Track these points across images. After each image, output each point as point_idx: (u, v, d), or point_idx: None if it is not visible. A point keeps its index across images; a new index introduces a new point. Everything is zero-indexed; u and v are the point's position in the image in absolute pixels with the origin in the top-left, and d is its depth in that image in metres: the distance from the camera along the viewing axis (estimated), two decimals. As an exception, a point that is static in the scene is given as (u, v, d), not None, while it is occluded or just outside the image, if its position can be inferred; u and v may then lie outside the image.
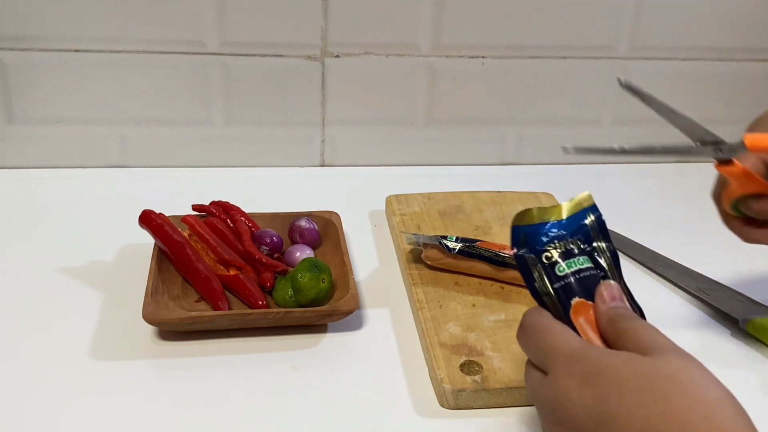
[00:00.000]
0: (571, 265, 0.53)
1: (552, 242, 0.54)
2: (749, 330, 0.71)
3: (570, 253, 0.54)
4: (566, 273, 0.53)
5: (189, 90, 0.95)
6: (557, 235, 0.55)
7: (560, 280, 0.53)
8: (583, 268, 0.53)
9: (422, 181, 0.96)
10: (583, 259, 0.54)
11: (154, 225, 0.74)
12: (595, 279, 0.53)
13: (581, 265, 0.53)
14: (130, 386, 0.62)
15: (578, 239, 0.55)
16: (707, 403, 0.42)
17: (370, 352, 0.68)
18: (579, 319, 0.51)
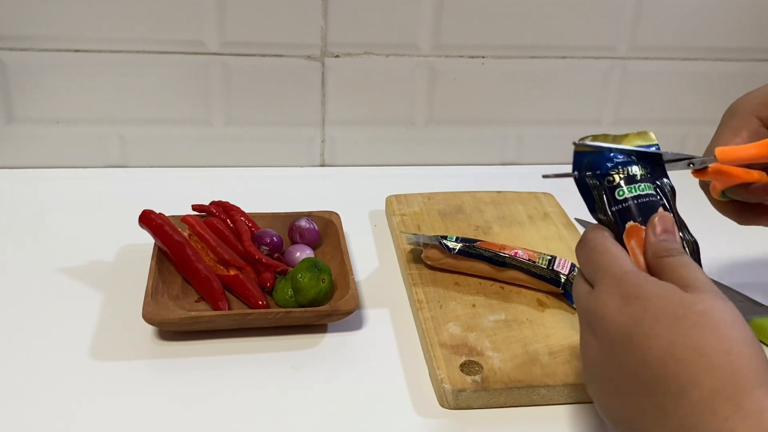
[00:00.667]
0: (632, 189, 0.55)
1: (616, 167, 0.56)
2: (749, 330, 0.71)
3: (632, 179, 0.55)
4: (625, 197, 0.54)
5: (189, 90, 0.95)
6: (622, 161, 0.56)
7: (619, 203, 0.54)
8: (643, 194, 0.54)
9: (422, 181, 0.96)
10: (645, 185, 0.55)
11: (154, 225, 0.74)
12: (653, 205, 0.54)
13: (642, 191, 0.55)
14: (130, 386, 0.62)
15: (643, 167, 0.56)
16: (732, 339, 0.44)
17: (370, 352, 0.68)
18: (631, 242, 0.53)
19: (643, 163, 0.56)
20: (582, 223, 0.89)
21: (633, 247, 0.53)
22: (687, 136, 1.07)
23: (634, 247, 0.53)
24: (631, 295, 0.47)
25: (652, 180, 0.56)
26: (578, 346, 0.67)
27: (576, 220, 0.89)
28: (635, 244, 0.53)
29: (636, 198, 0.54)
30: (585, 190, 0.57)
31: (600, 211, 0.55)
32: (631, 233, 0.53)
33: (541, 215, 0.88)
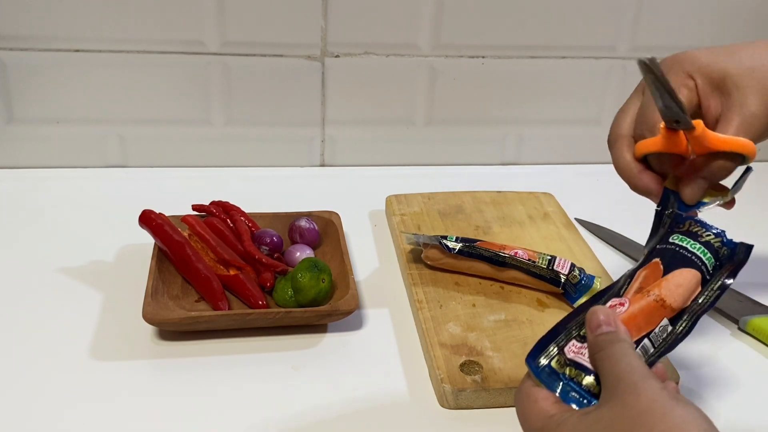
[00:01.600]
0: (684, 241, 0.55)
1: (694, 223, 0.56)
2: (749, 330, 0.71)
3: (696, 236, 0.55)
4: (674, 242, 0.55)
5: (189, 90, 0.95)
6: (701, 222, 0.56)
7: (665, 243, 0.55)
8: (689, 250, 0.54)
9: (422, 181, 0.96)
10: (700, 248, 0.55)
11: (154, 225, 0.74)
12: (687, 262, 0.54)
13: (692, 248, 0.54)
14: (130, 386, 0.62)
15: (719, 240, 0.56)
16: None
17: (370, 352, 0.68)
18: (643, 272, 0.54)
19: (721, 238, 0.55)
20: (582, 223, 0.89)
21: (640, 276, 0.54)
22: (687, 136, 1.07)
23: (641, 277, 0.54)
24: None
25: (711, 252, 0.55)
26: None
27: (576, 220, 0.89)
28: (643, 276, 0.54)
29: (681, 248, 0.54)
30: (658, 222, 0.58)
31: (651, 243, 0.56)
32: (650, 267, 0.54)
33: (541, 215, 0.88)
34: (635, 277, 0.54)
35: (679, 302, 0.52)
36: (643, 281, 0.53)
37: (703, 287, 0.54)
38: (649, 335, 0.51)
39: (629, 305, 0.52)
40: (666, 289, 0.52)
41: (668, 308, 0.52)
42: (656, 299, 0.52)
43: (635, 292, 0.53)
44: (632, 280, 0.54)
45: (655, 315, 0.52)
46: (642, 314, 0.52)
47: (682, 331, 0.53)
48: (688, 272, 0.53)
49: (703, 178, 0.58)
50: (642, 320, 0.52)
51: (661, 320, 0.52)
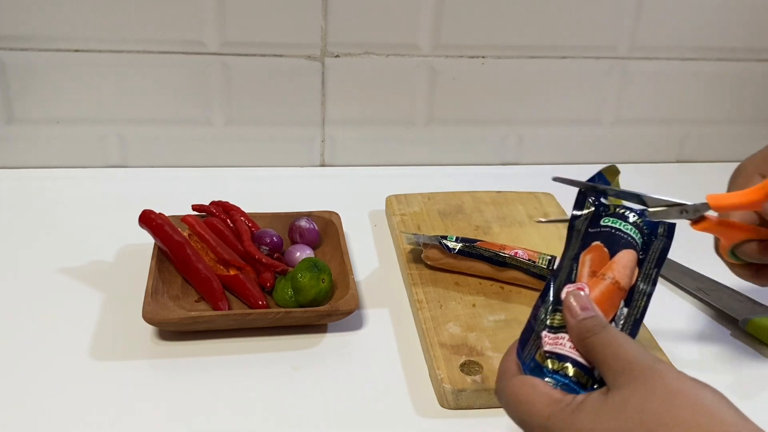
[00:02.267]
0: (616, 222, 0.55)
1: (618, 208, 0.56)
2: (749, 330, 0.71)
3: (625, 218, 0.56)
4: (607, 225, 0.55)
5: (189, 90, 0.95)
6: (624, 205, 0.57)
7: (597, 226, 0.55)
8: (624, 231, 0.55)
9: (422, 181, 0.96)
10: (631, 228, 0.55)
11: (154, 225, 0.74)
12: (625, 243, 0.54)
13: (625, 229, 0.55)
14: (130, 386, 0.62)
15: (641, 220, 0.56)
16: None
17: (370, 352, 0.68)
18: (588, 255, 0.54)
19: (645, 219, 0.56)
20: None
21: (586, 260, 0.53)
22: (687, 136, 1.07)
23: (587, 260, 0.53)
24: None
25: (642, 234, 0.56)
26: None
27: None
28: (589, 259, 0.53)
29: (615, 229, 0.55)
30: (581, 200, 0.57)
31: (579, 223, 0.56)
32: (592, 249, 0.54)
33: (541, 215, 0.88)
34: (580, 261, 0.53)
35: (628, 283, 0.53)
36: (592, 265, 0.53)
37: (640, 268, 0.54)
38: (614, 319, 0.51)
39: (588, 290, 0.51)
40: (617, 271, 0.52)
41: (622, 290, 0.52)
42: (612, 282, 0.52)
43: (589, 276, 0.52)
44: (578, 264, 0.53)
45: (614, 298, 0.52)
46: (603, 298, 0.51)
47: (638, 314, 0.52)
48: (628, 253, 0.54)
49: None
50: (606, 305, 0.51)
51: (619, 303, 0.52)
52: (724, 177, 0.64)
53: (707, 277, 0.79)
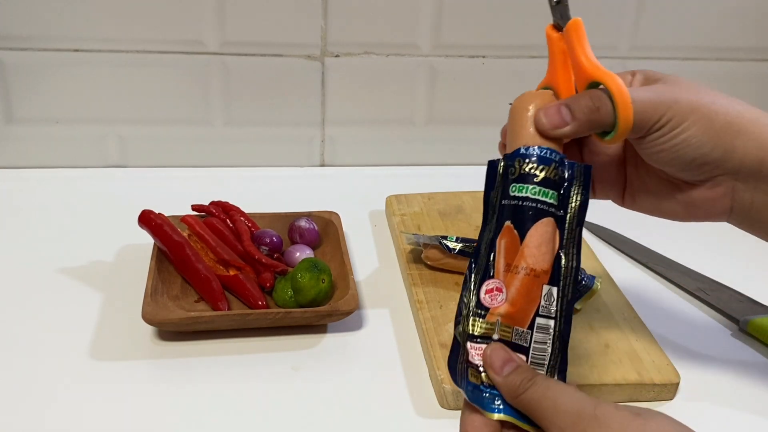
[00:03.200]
0: (529, 190, 0.51)
1: (527, 161, 0.51)
2: (749, 330, 0.71)
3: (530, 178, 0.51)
4: (513, 195, 0.51)
5: (189, 90, 0.95)
6: (541, 158, 0.51)
7: (507, 198, 0.51)
8: (530, 198, 0.50)
9: (422, 181, 0.96)
10: (550, 193, 0.51)
11: (153, 225, 0.74)
12: (535, 214, 0.50)
13: (540, 196, 0.51)
14: (130, 386, 0.62)
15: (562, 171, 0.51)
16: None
17: (370, 352, 0.68)
18: (501, 241, 0.51)
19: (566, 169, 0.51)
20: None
21: (501, 246, 0.50)
22: (687, 136, 1.07)
23: (502, 247, 0.50)
24: None
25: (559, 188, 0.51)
26: (578, 346, 0.67)
27: None
28: (503, 245, 0.50)
29: (527, 200, 0.51)
30: (491, 172, 0.53)
31: (492, 200, 0.52)
32: (506, 233, 0.51)
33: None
34: (497, 249, 0.50)
35: (548, 261, 0.50)
36: (506, 255, 0.50)
37: (560, 230, 0.51)
38: (539, 312, 0.50)
39: (506, 290, 0.50)
40: (531, 257, 0.50)
41: (542, 274, 0.50)
42: (527, 273, 0.50)
43: (504, 271, 0.50)
44: (495, 252, 0.51)
45: (533, 289, 0.50)
46: (521, 295, 0.50)
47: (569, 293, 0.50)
48: (541, 225, 0.50)
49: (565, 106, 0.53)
50: (525, 301, 0.50)
51: (541, 290, 0.50)
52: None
53: (707, 277, 0.79)
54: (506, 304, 0.50)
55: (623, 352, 0.66)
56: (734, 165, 0.52)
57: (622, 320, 0.70)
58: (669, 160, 0.52)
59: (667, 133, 0.51)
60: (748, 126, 0.51)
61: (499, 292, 0.50)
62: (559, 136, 0.52)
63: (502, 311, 0.50)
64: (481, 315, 0.50)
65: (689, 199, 0.54)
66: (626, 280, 0.79)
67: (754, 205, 0.53)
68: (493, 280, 0.50)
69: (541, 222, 0.50)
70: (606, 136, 0.53)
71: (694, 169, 0.52)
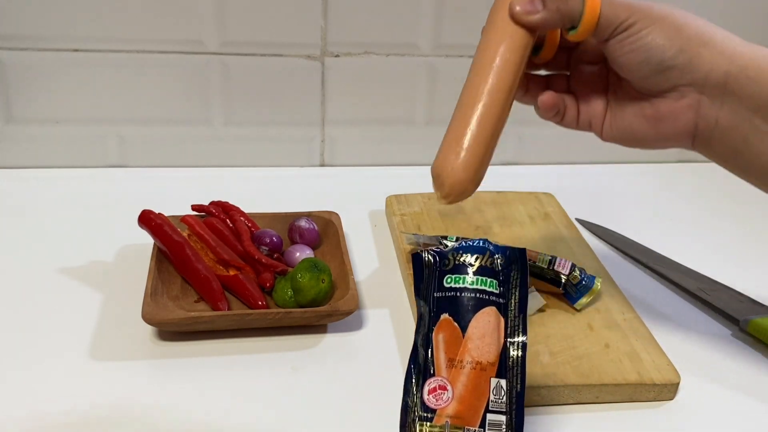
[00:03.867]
0: (464, 281, 0.50)
1: (461, 252, 0.50)
2: (749, 330, 0.71)
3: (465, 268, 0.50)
4: (450, 286, 0.50)
5: (188, 90, 0.95)
6: (473, 248, 0.51)
7: (442, 290, 0.50)
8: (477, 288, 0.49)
9: (422, 181, 0.95)
10: (489, 281, 0.50)
11: (153, 225, 0.74)
12: (476, 305, 0.49)
13: (479, 285, 0.50)
14: (130, 386, 0.62)
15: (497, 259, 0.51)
16: None
17: (370, 352, 0.68)
18: (439, 335, 0.49)
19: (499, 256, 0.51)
20: (582, 223, 0.89)
21: (439, 341, 0.49)
22: (687, 136, 1.07)
23: (440, 341, 0.49)
24: None
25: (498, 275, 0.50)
26: (578, 346, 0.67)
27: (576, 220, 0.89)
28: (442, 339, 0.49)
29: (466, 291, 0.49)
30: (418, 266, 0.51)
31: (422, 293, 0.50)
32: (443, 326, 0.49)
33: (542, 215, 0.88)
34: (434, 344, 0.49)
35: (494, 353, 0.49)
36: (447, 349, 0.48)
37: (504, 316, 0.49)
38: (488, 407, 0.48)
39: (451, 387, 0.48)
40: (475, 350, 0.48)
41: (488, 367, 0.48)
42: (473, 367, 0.48)
43: (447, 367, 0.48)
44: (432, 347, 0.49)
45: (481, 383, 0.48)
46: (469, 390, 0.48)
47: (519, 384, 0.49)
48: (483, 315, 0.49)
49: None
50: (474, 396, 0.48)
51: (489, 383, 0.48)
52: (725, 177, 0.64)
53: (707, 277, 0.79)
54: (453, 402, 0.48)
55: (623, 352, 0.66)
56: (700, 76, 0.51)
57: (622, 320, 0.70)
58: (635, 64, 0.52)
59: (634, 34, 0.51)
60: (717, 38, 0.51)
61: (443, 390, 0.48)
62: (530, 23, 0.53)
63: (450, 412, 0.48)
64: (428, 418, 0.48)
65: (657, 114, 0.54)
66: (626, 280, 0.79)
67: (719, 125, 0.53)
68: (435, 378, 0.48)
69: (483, 312, 0.49)
70: (572, 31, 0.53)
71: (659, 74, 0.52)
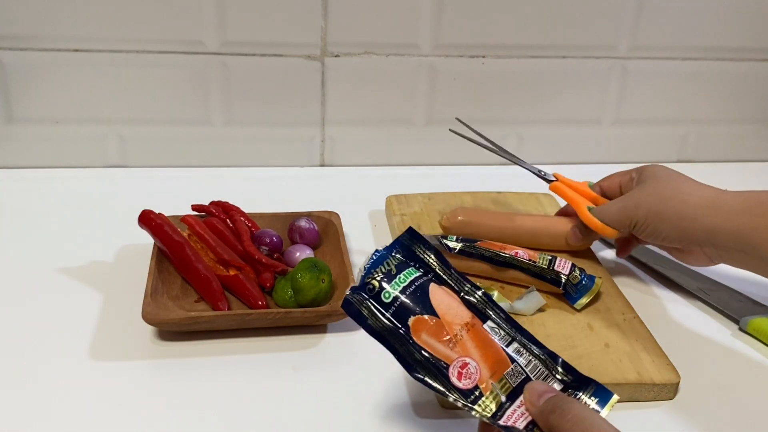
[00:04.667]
0: (395, 286, 0.53)
1: (370, 272, 0.53)
2: (749, 330, 0.71)
3: (390, 275, 0.53)
4: (391, 297, 0.53)
5: (189, 90, 0.95)
6: (375, 262, 0.54)
7: (390, 306, 0.52)
8: (408, 282, 0.53)
9: (422, 181, 0.96)
10: (408, 272, 0.54)
11: (153, 225, 0.74)
12: (424, 287, 0.53)
13: (407, 280, 0.53)
14: (130, 386, 0.62)
15: (397, 254, 0.55)
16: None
17: (370, 352, 0.67)
18: (422, 337, 0.51)
19: (395, 249, 0.55)
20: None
21: (426, 339, 0.51)
22: (687, 135, 1.07)
23: (427, 339, 0.51)
24: None
25: (414, 262, 0.55)
26: (578, 346, 0.67)
27: None
28: (427, 335, 0.51)
29: (404, 290, 0.53)
30: (353, 311, 0.53)
31: (375, 324, 0.52)
32: (418, 328, 0.52)
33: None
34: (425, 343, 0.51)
35: (464, 310, 0.53)
36: (438, 336, 0.51)
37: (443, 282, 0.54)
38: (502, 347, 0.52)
39: (471, 360, 0.51)
40: (454, 318, 0.52)
41: (473, 322, 0.52)
42: (467, 330, 0.52)
43: (451, 348, 0.51)
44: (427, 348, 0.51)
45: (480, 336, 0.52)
46: (480, 348, 0.51)
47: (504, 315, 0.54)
48: (434, 294, 0.53)
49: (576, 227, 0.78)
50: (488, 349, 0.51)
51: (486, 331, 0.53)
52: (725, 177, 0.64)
53: (707, 277, 0.79)
54: (481, 366, 0.51)
55: (623, 352, 0.66)
56: (691, 240, 0.69)
57: (622, 320, 0.70)
58: (650, 241, 0.73)
59: (641, 229, 0.70)
60: (692, 213, 0.67)
61: (465, 366, 0.51)
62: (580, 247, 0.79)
63: (485, 376, 0.51)
64: (477, 397, 0.50)
65: (680, 257, 0.74)
66: (626, 280, 0.79)
67: (723, 258, 0.69)
68: (452, 365, 0.51)
69: (431, 291, 0.53)
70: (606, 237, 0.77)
71: (667, 244, 0.72)
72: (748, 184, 0.65)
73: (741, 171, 1.06)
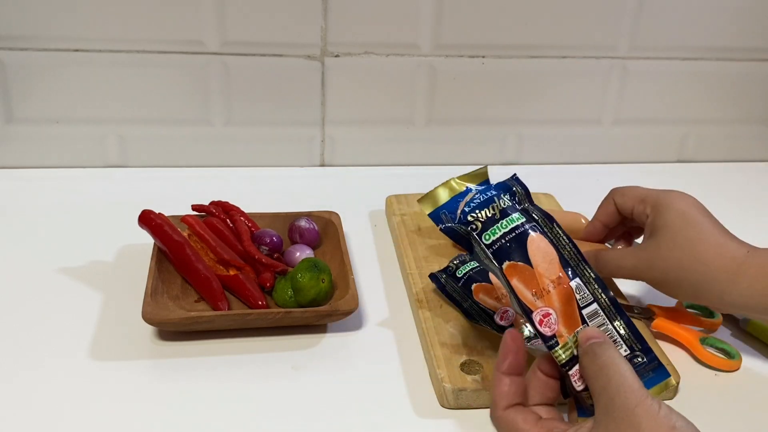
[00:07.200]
0: (495, 231, 0.56)
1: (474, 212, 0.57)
2: (749, 330, 0.71)
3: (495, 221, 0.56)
4: (492, 240, 0.56)
5: (189, 90, 0.95)
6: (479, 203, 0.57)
7: (489, 247, 0.56)
8: (510, 230, 0.55)
9: (422, 181, 0.95)
10: (508, 220, 0.56)
11: (153, 225, 0.74)
12: (523, 235, 0.55)
13: (507, 228, 0.56)
14: (130, 386, 0.62)
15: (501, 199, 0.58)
16: None
17: (370, 352, 0.68)
18: (513, 280, 0.54)
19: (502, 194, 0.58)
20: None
21: (516, 285, 0.54)
22: (687, 136, 1.07)
23: (517, 284, 0.54)
24: None
25: (515, 208, 0.57)
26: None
27: None
28: (518, 282, 0.54)
29: (504, 236, 0.55)
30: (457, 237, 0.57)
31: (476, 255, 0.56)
32: (511, 273, 0.54)
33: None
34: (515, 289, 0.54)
35: (557, 266, 0.55)
36: (528, 284, 0.54)
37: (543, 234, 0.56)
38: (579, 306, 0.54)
39: (553, 311, 0.53)
40: (547, 272, 0.54)
41: (563, 279, 0.54)
42: (555, 286, 0.54)
43: (537, 297, 0.54)
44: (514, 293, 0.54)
45: (566, 293, 0.54)
46: (564, 304, 0.54)
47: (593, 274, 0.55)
48: (532, 244, 0.55)
49: None
50: (569, 306, 0.54)
51: (571, 289, 0.54)
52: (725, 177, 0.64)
53: (707, 277, 0.79)
54: (560, 320, 0.53)
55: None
56: (711, 307, 0.69)
57: (622, 320, 0.70)
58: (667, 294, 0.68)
59: (655, 284, 0.67)
60: (712, 286, 0.63)
61: (547, 316, 0.53)
62: None
63: (563, 330, 0.53)
64: (555, 343, 0.53)
65: None
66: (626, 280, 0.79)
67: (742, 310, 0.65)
68: (536, 311, 0.54)
69: (530, 240, 0.55)
70: None
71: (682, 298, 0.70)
72: (748, 184, 0.65)
73: (741, 171, 1.06)
